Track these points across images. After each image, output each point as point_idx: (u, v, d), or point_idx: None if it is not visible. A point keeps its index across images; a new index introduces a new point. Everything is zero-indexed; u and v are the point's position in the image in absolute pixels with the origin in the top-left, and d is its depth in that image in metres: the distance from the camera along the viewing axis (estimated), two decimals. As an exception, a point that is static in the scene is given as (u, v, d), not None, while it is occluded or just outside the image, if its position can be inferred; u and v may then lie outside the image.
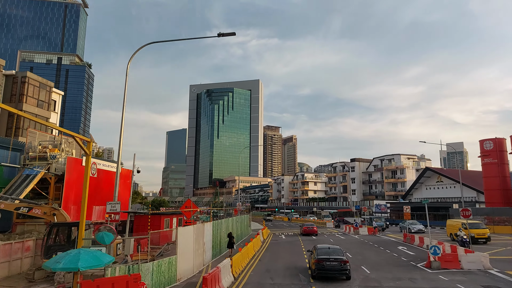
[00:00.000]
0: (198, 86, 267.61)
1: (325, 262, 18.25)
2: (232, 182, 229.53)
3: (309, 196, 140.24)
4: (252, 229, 56.44)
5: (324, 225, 67.97)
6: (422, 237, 33.97)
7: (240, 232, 40.00)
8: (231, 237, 28.72)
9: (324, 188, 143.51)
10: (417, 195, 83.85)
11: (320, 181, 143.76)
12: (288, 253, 29.34)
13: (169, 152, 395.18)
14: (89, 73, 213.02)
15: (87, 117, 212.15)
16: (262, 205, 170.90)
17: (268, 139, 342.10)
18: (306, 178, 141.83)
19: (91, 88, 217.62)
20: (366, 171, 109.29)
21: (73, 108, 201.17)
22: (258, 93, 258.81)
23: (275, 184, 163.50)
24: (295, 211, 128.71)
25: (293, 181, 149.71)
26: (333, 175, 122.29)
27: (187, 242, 19.27)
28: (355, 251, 30.50)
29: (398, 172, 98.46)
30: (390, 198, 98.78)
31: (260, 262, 24.49)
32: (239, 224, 39.59)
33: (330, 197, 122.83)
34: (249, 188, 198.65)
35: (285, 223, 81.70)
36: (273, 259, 26.19)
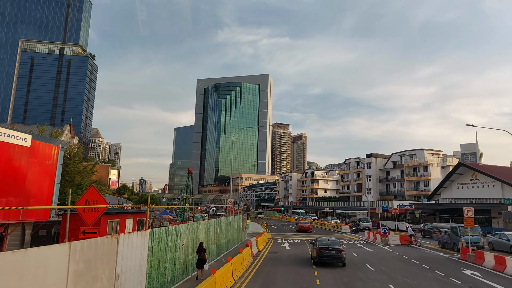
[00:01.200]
0: (205, 80, 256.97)
1: (324, 251, 22.08)
2: (238, 180, 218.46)
3: (319, 195, 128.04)
4: (250, 233, 44.80)
5: (338, 229, 56.23)
6: (498, 256, 21.84)
7: (226, 241, 28.12)
8: (202, 251, 17.59)
9: (335, 186, 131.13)
10: (446, 195, 71.14)
11: (331, 179, 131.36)
12: (291, 285, 17.46)
13: (177, 148, 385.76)
14: (92, 64, 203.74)
15: (89, 109, 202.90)
16: (268, 204, 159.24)
17: (277, 137, 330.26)
18: (316, 175, 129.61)
19: (94, 80, 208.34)
20: (384, 168, 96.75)
21: (74, 100, 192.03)
22: (267, 88, 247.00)
23: (283, 182, 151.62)
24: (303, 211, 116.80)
25: (302, 179, 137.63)
26: (346, 172, 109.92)
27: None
28: (401, 279, 18.56)
29: (421, 169, 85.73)
30: (411, 199, 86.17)
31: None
32: (224, 228, 27.66)
33: (342, 196, 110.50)
34: (255, 186, 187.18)
35: (292, 225, 70.00)
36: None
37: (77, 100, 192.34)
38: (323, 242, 22.88)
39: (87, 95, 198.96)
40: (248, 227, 52.10)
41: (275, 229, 56.06)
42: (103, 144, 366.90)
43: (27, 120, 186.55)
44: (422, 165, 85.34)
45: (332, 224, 61.33)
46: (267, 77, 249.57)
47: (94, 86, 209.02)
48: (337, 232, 52.79)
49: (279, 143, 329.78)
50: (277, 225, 66.31)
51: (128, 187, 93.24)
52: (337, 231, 53.83)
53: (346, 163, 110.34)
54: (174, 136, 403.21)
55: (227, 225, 28.60)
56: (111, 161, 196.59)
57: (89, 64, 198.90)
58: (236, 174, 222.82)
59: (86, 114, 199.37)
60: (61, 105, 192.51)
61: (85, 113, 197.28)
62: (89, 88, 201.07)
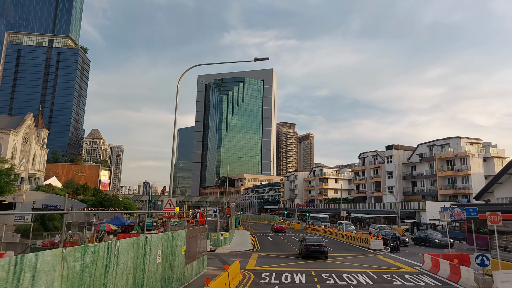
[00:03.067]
0: (206, 76, 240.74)
1: (310, 247, 26.95)
2: (241, 181, 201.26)
3: (329, 196, 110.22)
4: (225, 253, 27.61)
5: (365, 243, 35.20)
6: None
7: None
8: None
9: (347, 186, 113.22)
10: (501, 193, 53.06)
11: (342, 178, 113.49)
12: None
13: (180, 150, 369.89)
14: (83, 57, 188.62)
15: (80, 105, 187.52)
16: (272, 206, 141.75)
17: (282, 137, 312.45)
18: (325, 174, 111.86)
19: (86, 75, 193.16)
20: (408, 162, 78.72)
21: (63, 95, 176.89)
22: (271, 83, 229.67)
23: (287, 182, 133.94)
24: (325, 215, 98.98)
25: (309, 178, 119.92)
26: (361, 169, 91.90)
27: None
28: None
29: (458, 161, 67.63)
30: (444, 199, 68.26)
31: None
32: (131, 263, 9.71)
33: (357, 197, 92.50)
34: (258, 187, 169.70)
35: (297, 235, 52.53)
36: None
37: (66, 95, 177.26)
38: (309, 240, 27.88)
39: (78, 90, 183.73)
40: (230, 240, 34.85)
41: (270, 244, 37.94)
42: (104, 146, 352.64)
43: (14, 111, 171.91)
44: (459, 157, 67.25)
45: (354, 236, 39.51)
46: (271, 72, 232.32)
47: (86, 81, 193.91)
48: (364, 250, 32.97)
49: (284, 143, 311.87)
50: (276, 237, 47.50)
51: (88, 186, 76.27)
52: (364, 248, 34.06)
53: (361, 158, 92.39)
54: (178, 137, 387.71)
55: (140, 256, 10.84)
56: (102, 161, 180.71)
57: (80, 57, 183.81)
58: (239, 175, 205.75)
59: (77, 111, 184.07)
60: (50, 100, 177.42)
61: (75, 109, 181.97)
62: (80, 82, 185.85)
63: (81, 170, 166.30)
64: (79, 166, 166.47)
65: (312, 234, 42.32)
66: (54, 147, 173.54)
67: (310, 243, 27.03)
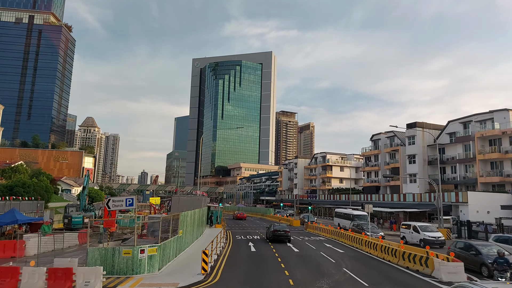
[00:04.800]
0: (201, 60, 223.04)
1: (277, 232, 30.53)
2: (237, 170, 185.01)
3: (333, 185, 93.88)
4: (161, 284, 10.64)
5: (421, 264, 18.27)
6: None
7: None
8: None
9: (354, 175, 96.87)
10: None
11: (348, 166, 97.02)
12: None
13: (177, 139, 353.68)
14: (67, 36, 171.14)
15: (64, 87, 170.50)
16: (269, 197, 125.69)
17: (282, 126, 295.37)
18: (329, 161, 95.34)
19: (71, 55, 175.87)
20: (435, 144, 61.94)
21: (45, 76, 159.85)
22: (270, 67, 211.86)
23: (286, 170, 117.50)
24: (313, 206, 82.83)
25: (311, 166, 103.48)
26: (373, 153, 75.07)
27: None
28: None
29: (506, 141, 50.96)
30: (487, 188, 51.91)
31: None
32: None
33: (368, 187, 75.77)
34: (254, 176, 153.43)
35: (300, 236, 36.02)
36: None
37: (48, 76, 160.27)
38: (276, 227, 31.27)
39: (61, 71, 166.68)
40: (169, 257, 18.34)
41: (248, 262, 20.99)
42: (99, 134, 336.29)
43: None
44: (508, 135, 50.54)
45: (398, 250, 20.98)
46: (270, 55, 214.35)
47: (71, 61, 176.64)
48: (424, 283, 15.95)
49: (284, 133, 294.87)
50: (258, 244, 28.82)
51: (25, 169, 59.50)
52: (423, 278, 16.68)
53: (374, 140, 75.57)
54: (175, 126, 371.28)
55: None
56: (87, 147, 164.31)
57: (63, 35, 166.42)
58: (235, 164, 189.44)
59: (60, 93, 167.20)
60: (30, 82, 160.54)
61: (58, 91, 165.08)
62: (64, 63, 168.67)
63: (63, 157, 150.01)
64: (60, 152, 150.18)
65: (276, 224, 34.32)
66: (35, 132, 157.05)
67: (277, 229, 30.88)
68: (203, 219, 32.30)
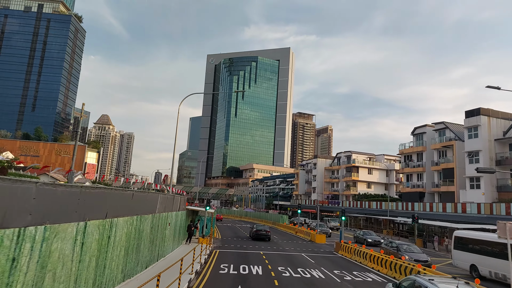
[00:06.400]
0: (216, 56, 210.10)
1: (259, 232, 35.05)
2: (249, 172, 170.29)
3: (359, 190, 77.94)
4: None
5: None
6: None
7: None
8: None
9: (383, 179, 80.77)
10: None
11: (378, 168, 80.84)
12: None
13: (191, 139, 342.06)
14: (77, 26, 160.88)
15: (72, 79, 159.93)
16: (283, 202, 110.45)
17: (299, 128, 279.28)
18: (355, 161, 79.47)
19: (80, 46, 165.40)
20: (505, 138, 45.65)
21: (51, 66, 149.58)
22: (288, 64, 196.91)
23: (303, 172, 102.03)
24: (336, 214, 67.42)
25: (332, 167, 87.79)
26: (416, 151, 58.92)
27: None
28: None
29: None
30: None
31: None
32: None
33: (408, 193, 59.42)
34: (267, 178, 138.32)
35: (335, 271, 20.79)
36: None
37: (54, 66, 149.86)
38: (259, 228, 36.00)
39: (69, 62, 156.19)
40: None
41: None
42: (113, 132, 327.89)
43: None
44: None
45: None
46: (288, 51, 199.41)
47: (80, 53, 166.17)
48: None
49: (301, 135, 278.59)
50: None
51: None
52: None
53: (417, 135, 59.47)
54: (189, 126, 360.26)
55: None
56: (92, 142, 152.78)
57: (72, 25, 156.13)
58: (248, 165, 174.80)
59: (67, 85, 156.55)
60: (36, 72, 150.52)
61: (65, 83, 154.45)
62: (72, 53, 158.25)
63: (65, 150, 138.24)
64: (62, 146, 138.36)
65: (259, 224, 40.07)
66: (39, 124, 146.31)
67: (259, 229, 35.60)
68: (161, 235, 17.53)
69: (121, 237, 11.80)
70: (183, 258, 14.30)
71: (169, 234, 19.55)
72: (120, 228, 11.65)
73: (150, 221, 15.29)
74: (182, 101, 24.52)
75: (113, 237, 11.07)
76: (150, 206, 15.25)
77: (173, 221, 20.64)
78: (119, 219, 11.60)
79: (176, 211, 21.35)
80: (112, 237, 11.05)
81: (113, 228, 11.00)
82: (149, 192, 15.24)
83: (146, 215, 14.56)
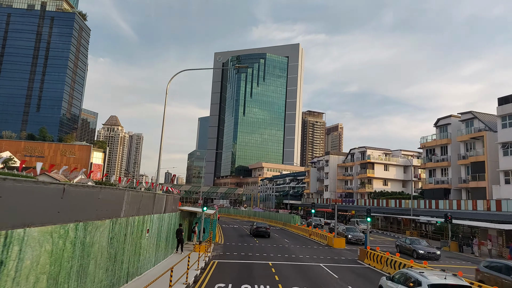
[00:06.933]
0: (224, 53, 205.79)
1: (259, 228, 37.48)
2: (258, 170, 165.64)
3: (374, 188, 72.62)
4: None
5: None
6: None
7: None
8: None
9: (401, 176, 75.28)
10: None
11: (395, 164, 75.37)
12: None
13: (200, 139, 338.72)
14: (81, 24, 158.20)
15: (77, 78, 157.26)
16: (293, 201, 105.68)
17: (308, 127, 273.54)
18: (370, 157, 74.12)
19: (85, 44, 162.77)
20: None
21: (55, 65, 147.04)
22: (297, 60, 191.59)
23: (314, 169, 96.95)
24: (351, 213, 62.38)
25: (346, 164, 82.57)
26: (439, 143, 53.42)
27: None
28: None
29: None
30: None
31: None
32: None
33: (431, 190, 53.78)
34: (277, 177, 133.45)
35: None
36: None
37: (58, 66, 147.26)
38: (259, 225, 38.40)
39: (74, 60, 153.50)
40: None
41: None
42: (122, 133, 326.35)
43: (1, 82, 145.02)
44: None
45: None
46: (297, 47, 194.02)
47: (85, 51, 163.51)
48: None
49: (311, 134, 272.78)
50: None
51: None
52: None
53: (440, 126, 53.98)
54: (198, 126, 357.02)
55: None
56: (97, 142, 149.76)
57: (76, 23, 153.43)
58: (257, 163, 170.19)
59: (72, 84, 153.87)
60: (41, 71, 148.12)
61: (70, 83, 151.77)
62: (77, 52, 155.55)
63: (70, 151, 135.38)
64: (67, 146, 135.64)
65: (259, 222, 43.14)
66: (44, 124, 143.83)
67: (259, 226, 38.16)
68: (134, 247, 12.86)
69: (36, 260, 7.18)
70: (160, 277, 9.62)
71: (148, 244, 14.94)
72: (32, 246, 7.03)
73: (108, 230, 10.69)
74: (171, 80, 20.07)
75: (13, 262, 6.46)
76: (107, 208, 10.64)
77: (156, 226, 16.04)
78: (31, 231, 6.98)
79: (160, 213, 16.74)
80: (13, 262, 6.45)
81: (11, 247, 6.39)
82: (104, 188, 10.56)
83: (98, 221, 9.94)
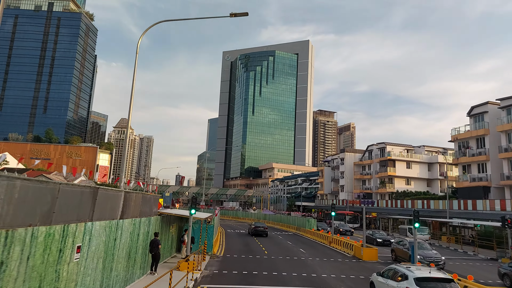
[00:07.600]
0: (232, 52, 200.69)
1: (257, 228, 38.91)
2: (269, 171, 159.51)
3: (396, 187, 65.75)
4: None
5: None
6: None
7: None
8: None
9: (425, 174, 68.22)
10: None
11: (418, 161, 68.40)
12: None
13: (210, 140, 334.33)
14: (88, 24, 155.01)
15: (84, 79, 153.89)
16: (306, 202, 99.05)
17: (320, 126, 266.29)
18: (390, 154, 67.31)
19: (92, 45, 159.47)
20: None
21: (62, 66, 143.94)
22: (307, 57, 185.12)
23: (328, 169, 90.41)
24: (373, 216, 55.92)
25: (363, 162, 75.94)
26: (475, 135, 46.64)
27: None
28: None
29: None
30: None
31: None
32: None
33: (466, 188, 46.89)
34: (288, 178, 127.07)
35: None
36: None
37: (65, 66, 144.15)
38: (257, 224, 40.20)
39: (80, 61, 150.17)
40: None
41: None
42: (133, 136, 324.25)
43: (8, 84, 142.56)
44: None
45: None
46: (307, 44, 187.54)
47: (92, 51, 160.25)
48: None
49: (322, 133, 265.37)
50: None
51: None
52: None
53: (474, 116, 47.18)
54: (208, 127, 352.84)
55: None
56: (105, 143, 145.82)
57: (83, 23, 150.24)
58: (267, 164, 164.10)
59: (79, 85, 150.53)
60: (47, 72, 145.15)
61: (77, 83, 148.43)
62: (84, 52, 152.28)
63: (76, 153, 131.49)
64: (73, 148, 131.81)
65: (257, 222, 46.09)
66: (50, 126, 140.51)
67: (257, 225, 39.97)
68: (51, 275, 6.97)
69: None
70: None
71: (80, 270, 9.02)
72: None
73: None
74: (146, 30, 14.43)
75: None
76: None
77: (99, 240, 10.12)
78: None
79: (112, 219, 10.81)
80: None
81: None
82: None
83: None
